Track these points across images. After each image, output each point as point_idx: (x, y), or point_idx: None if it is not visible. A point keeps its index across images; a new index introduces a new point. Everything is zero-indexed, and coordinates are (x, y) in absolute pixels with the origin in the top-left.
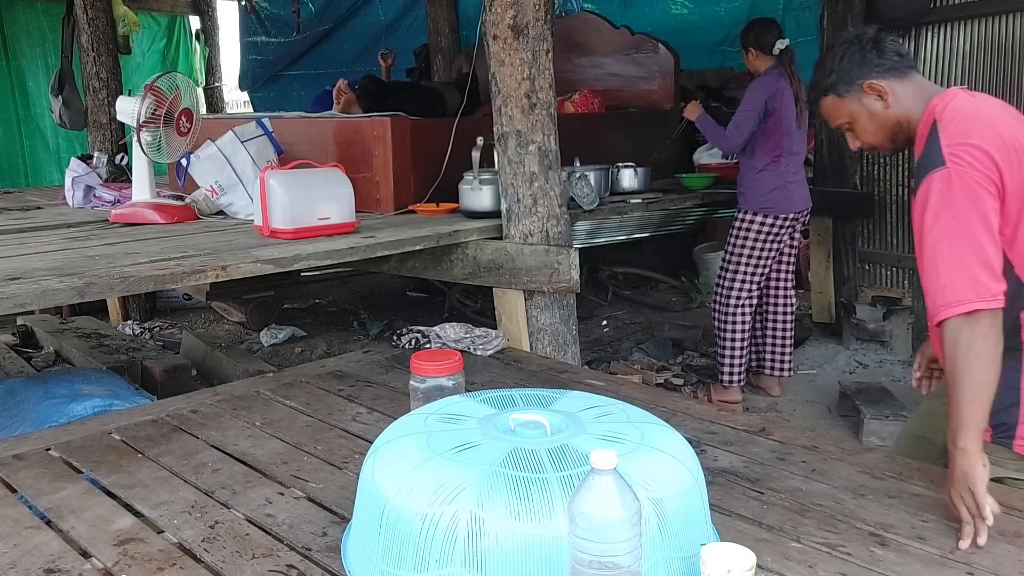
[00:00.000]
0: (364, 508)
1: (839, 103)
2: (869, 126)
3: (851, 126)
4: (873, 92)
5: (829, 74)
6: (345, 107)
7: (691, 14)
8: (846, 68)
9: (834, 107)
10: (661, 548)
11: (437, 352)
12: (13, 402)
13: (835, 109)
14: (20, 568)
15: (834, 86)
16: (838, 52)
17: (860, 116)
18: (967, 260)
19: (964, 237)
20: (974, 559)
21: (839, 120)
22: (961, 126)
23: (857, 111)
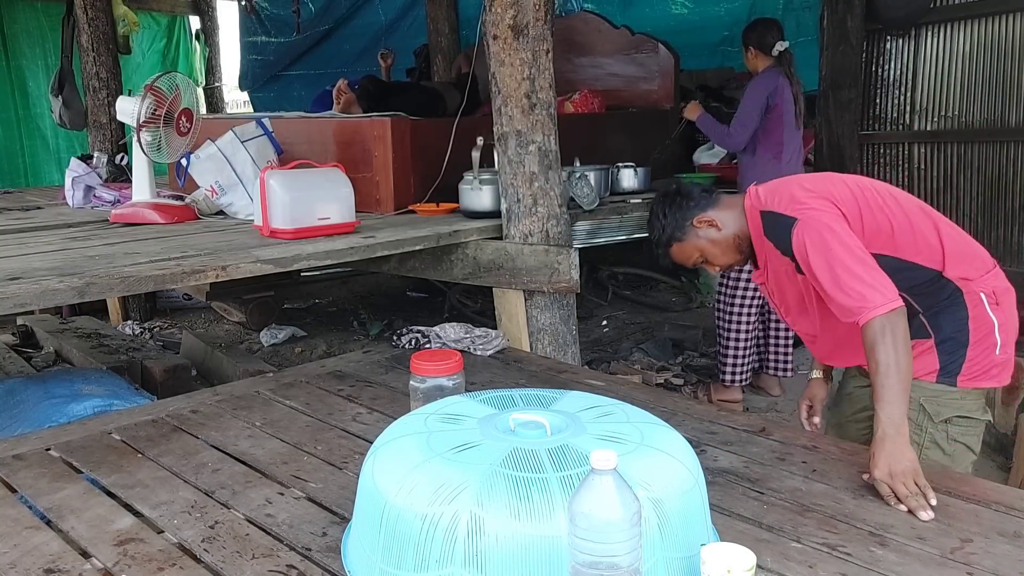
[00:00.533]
0: (364, 508)
1: (682, 246)
2: (716, 251)
3: (703, 258)
4: (703, 224)
5: (663, 229)
6: (345, 107)
7: (691, 14)
8: (671, 218)
9: (680, 251)
10: (661, 548)
11: (437, 352)
12: (13, 402)
13: (682, 252)
14: (20, 568)
15: (672, 235)
16: (658, 212)
17: (705, 248)
18: (864, 274)
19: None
20: (974, 559)
21: (691, 259)
22: (782, 194)
23: (701, 245)
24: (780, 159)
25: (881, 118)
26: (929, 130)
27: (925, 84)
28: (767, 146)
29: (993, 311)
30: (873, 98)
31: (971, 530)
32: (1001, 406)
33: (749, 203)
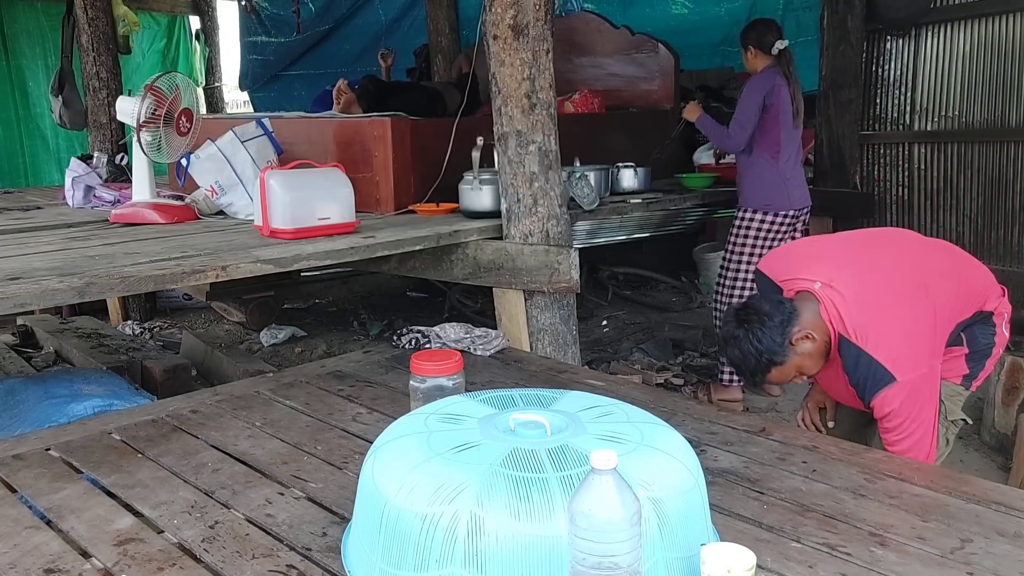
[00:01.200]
0: (364, 508)
1: (782, 369)
2: (811, 363)
3: (799, 373)
4: (801, 339)
5: (759, 357)
6: (345, 107)
7: (691, 14)
8: (766, 342)
9: (780, 373)
10: (661, 548)
11: (437, 352)
12: (13, 402)
13: (782, 374)
14: (20, 568)
15: (772, 360)
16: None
17: (803, 363)
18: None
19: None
20: (974, 559)
21: (788, 377)
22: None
23: (799, 362)
24: (777, 159)
25: (881, 118)
26: (929, 130)
27: (925, 84)
28: (764, 146)
29: (1006, 328)
30: (873, 98)
31: (971, 530)
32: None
33: (826, 313)
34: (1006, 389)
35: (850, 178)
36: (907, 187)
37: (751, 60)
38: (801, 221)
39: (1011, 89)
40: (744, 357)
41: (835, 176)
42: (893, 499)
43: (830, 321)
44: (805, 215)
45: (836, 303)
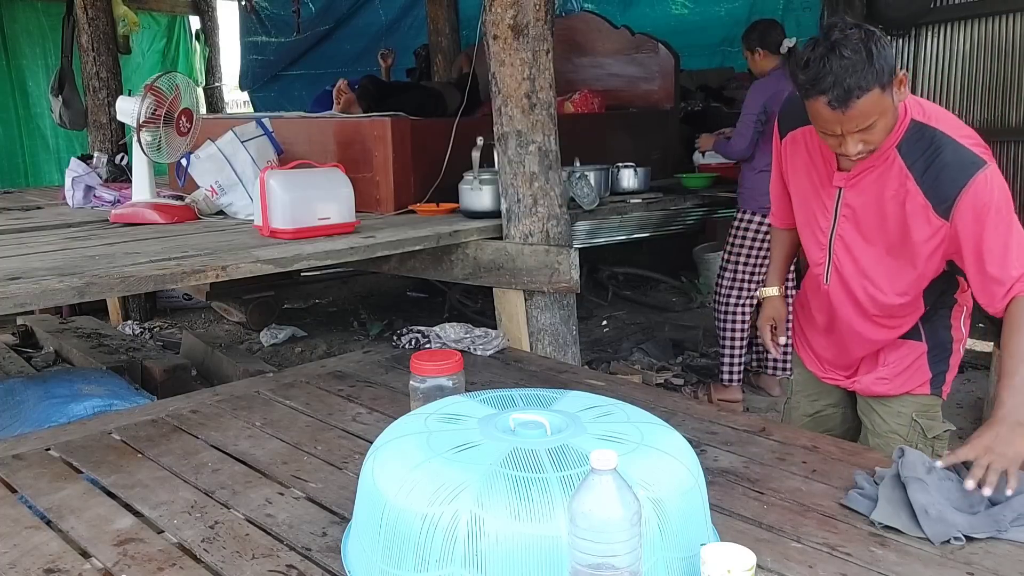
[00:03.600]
0: (364, 508)
1: (882, 98)
2: (889, 122)
3: (870, 127)
4: (902, 83)
5: (874, 64)
6: (345, 107)
7: (691, 14)
8: (887, 58)
9: (877, 102)
10: (661, 548)
11: (437, 352)
12: (13, 402)
13: (877, 104)
14: (20, 568)
15: (881, 77)
16: (870, 41)
17: (888, 111)
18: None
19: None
20: (974, 559)
21: (871, 118)
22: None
23: (888, 106)
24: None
25: None
26: None
27: (925, 84)
28: (765, 150)
29: (965, 325)
30: None
31: None
32: None
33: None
34: None
35: None
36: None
37: (759, 62)
38: None
39: (1011, 89)
40: (854, 65)
41: None
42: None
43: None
44: None
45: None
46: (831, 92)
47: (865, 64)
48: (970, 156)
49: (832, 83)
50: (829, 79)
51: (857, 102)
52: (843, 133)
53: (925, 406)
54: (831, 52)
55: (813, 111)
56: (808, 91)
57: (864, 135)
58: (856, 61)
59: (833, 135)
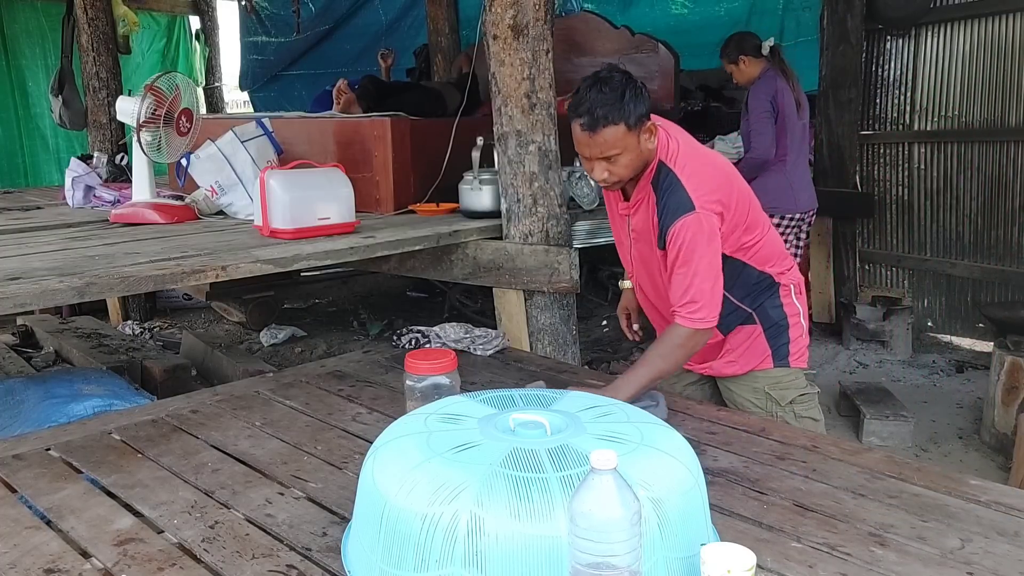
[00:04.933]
0: (364, 508)
1: (627, 135)
2: (632, 161)
3: (616, 157)
4: (650, 131)
5: (622, 109)
6: (345, 107)
7: (691, 14)
8: (639, 103)
9: (621, 138)
10: (661, 548)
11: (431, 351)
12: (13, 402)
13: (621, 139)
14: (20, 568)
15: (627, 117)
16: (627, 86)
17: (631, 149)
18: (709, 288)
19: (710, 272)
20: (974, 559)
21: (611, 151)
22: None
23: (632, 145)
24: (784, 161)
25: (881, 118)
26: (929, 130)
27: (925, 84)
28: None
29: (798, 299)
30: (873, 98)
31: (971, 530)
32: (1001, 406)
33: (659, 141)
34: (1006, 389)
35: (850, 178)
36: (907, 187)
37: (745, 70)
38: (806, 222)
39: (1011, 89)
40: (607, 100)
41: (835, 176)
42: (893, 499)
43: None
44: (811, 217)
45: (669, 137)
46: (584, 117)
47: (616, 101)
48: (684, 199)
49: (587, 109)
50: (585, 106)
51: (603, 131)
52: (591, 157)
53: (775, 378)
54: (594, 86)
55: (573, 134)
56: (570, 114)
57: (608, 165)
58: (611, 98)
59: (586, 158)
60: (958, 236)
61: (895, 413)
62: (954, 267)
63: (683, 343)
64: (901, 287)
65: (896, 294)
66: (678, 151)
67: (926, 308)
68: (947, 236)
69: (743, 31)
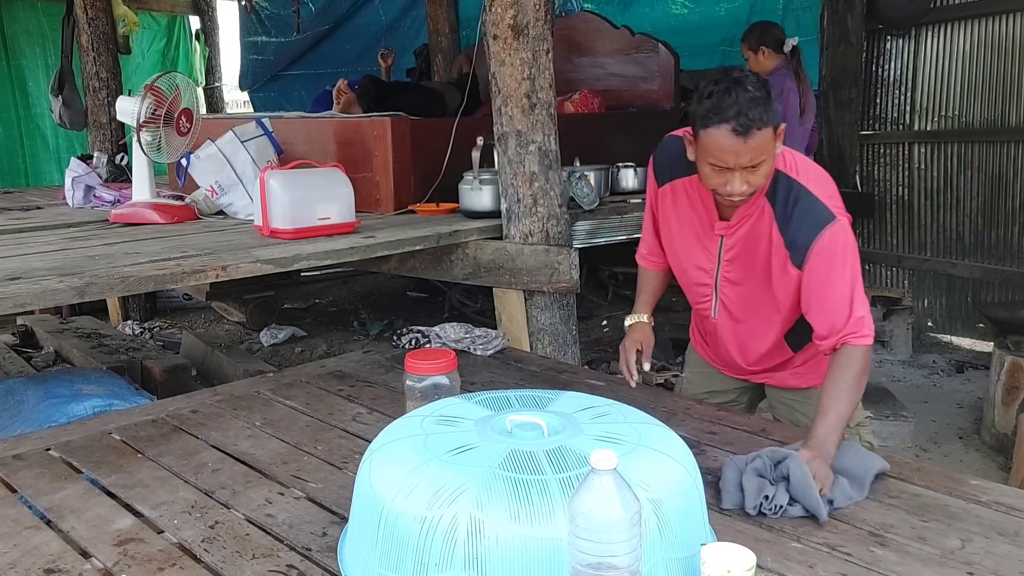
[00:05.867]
0: (361, 512)
1: (772, 139)
2: (770, 168)
3: (760, 165)
4: (781, 134)
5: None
6: (345, 107)
7: (691, 14)
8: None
9: (768, 142)
10: (661, 549)
11: (431, 351)
12: (13, 402)
13: (768, 144)
14: (20, 568)
15: (775, 119)
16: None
17: (772, 156)
18: (865, 302)
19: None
20: (974, 559)
21: (760, 157)
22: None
23: (773, 150)
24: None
25: (881, 118)
26: (929, 130)
27: (925, 84)
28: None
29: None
30: (873, 98)
31: (971, 530)
32: (1001, 406)
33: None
34: (1006, 389)
35: (850, 178)
36: (907, 187)
37: (763, 61)
38: None
39: (1011, 89)
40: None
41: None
42: (893, 499)
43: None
44: None
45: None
46: (735, 120)
47: (766, 102)
48: (823, 210)
49: (736, 112)
50: (734, 108)
51: (757, 133)
52: (735, 167)
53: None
54: (736, 85)
55: (711, 141)
56: (710, 119)
57: (750, 174)
58: (759, 97)
59: (724, 169)
60: (958, 236)
61: (895, 413)
62: (954, 267)
63: (865, 367)
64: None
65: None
66: (793, 158)
67: (926, 308)
68: (947, 236)
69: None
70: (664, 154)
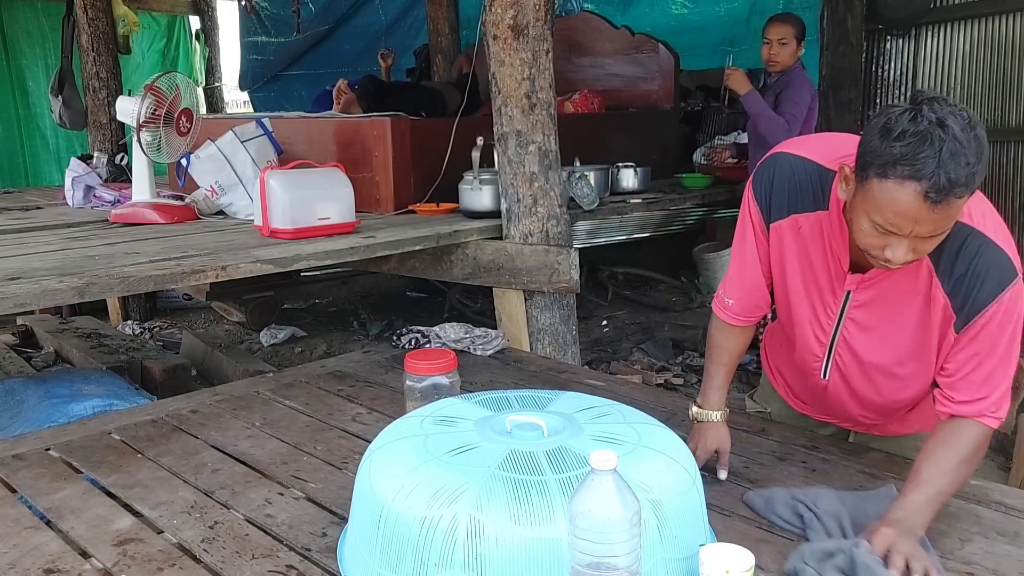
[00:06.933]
0: (361, 512)
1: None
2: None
3: (939, 236)
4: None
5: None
6: (345, 107)
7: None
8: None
9: (959, 209)
10: (660, 549)
11: (431, 351)
12: (13, 402)
13: (958, 212)
14: (20, 568)
15: (978, 180)
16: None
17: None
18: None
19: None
20: (974, 559)
21: (943, 228)
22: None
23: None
24: None
25: None
26: None
27: (925, 84)
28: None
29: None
30: (873, 98)
31: (971, 530)
32: None
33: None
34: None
35: None
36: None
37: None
38: None
39: (1011, 89)
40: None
41: None
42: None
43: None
44: None
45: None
46: (930, 181)
47: (977, 154)
48: (1008, 265)
49: (935, 169)
50: (932, 163)
51: (954, 202)
52: (907, 234)
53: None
54: (941, 128)
55: (887, 197)
56: (895, 169)
57: (922, 243)
58: (968, 149)
59: (890, 232)
60: None
61: None
62: None
63: (982, 446)
64: None
65: None
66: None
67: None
68: None
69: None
70: (783, 179)
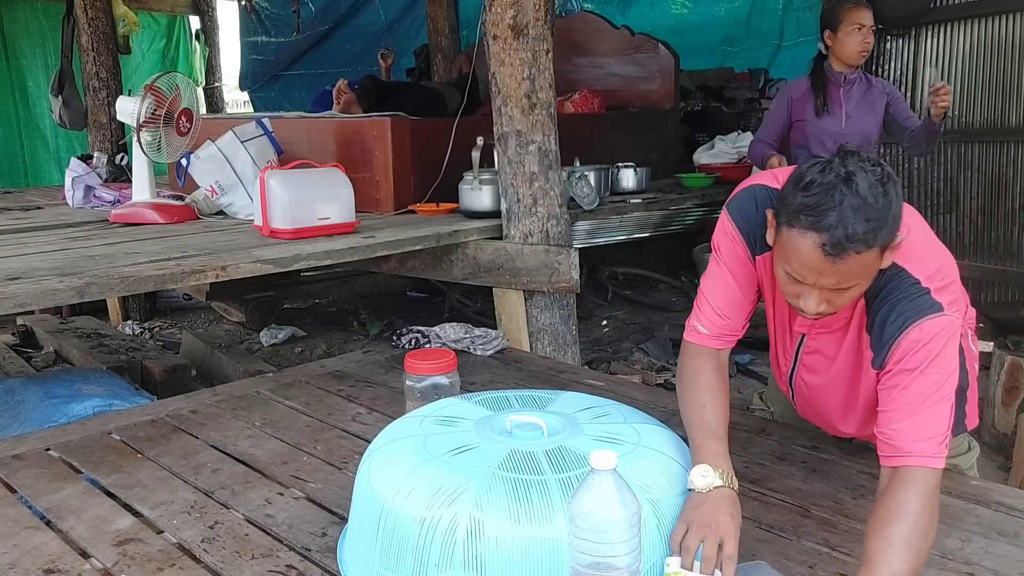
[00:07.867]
0: (361, 512)
1: (876, 261)
2: (865, 287)
3: (849, 289)
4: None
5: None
6: (345, 107)
7: (691, 14)
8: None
9: (869, 265)
10: (660, 549)
11: (431, 351)
12: (13, 402)
13: (868, 267)
14: (20, 568)
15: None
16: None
17: (870, 278)
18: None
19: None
20: (974, 559)
21: (854, 281)
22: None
23: (875, 271)
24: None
25: None
26: None
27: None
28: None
29: (973, 343)
30: None
31: (971, 530)
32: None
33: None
34: (1006, 389)
35: None
36: (907, 187)
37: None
38: None
39: (1011, 89)
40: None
41: None
42: None
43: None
44: None
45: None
46: (828, 234)
47: (882, 211)
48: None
49: (834, 223)
50: (832, 216)
51: (855, 257)
52: (813, 284)
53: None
54: (846, 183)
55: (789, 244)
56: (797, 219)
57: (834, 295)
58: (873, 205)
59: (798, 282)
60: (958, 236)
61: None
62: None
63: (935, 490)
64: None
65: None
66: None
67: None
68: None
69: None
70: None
